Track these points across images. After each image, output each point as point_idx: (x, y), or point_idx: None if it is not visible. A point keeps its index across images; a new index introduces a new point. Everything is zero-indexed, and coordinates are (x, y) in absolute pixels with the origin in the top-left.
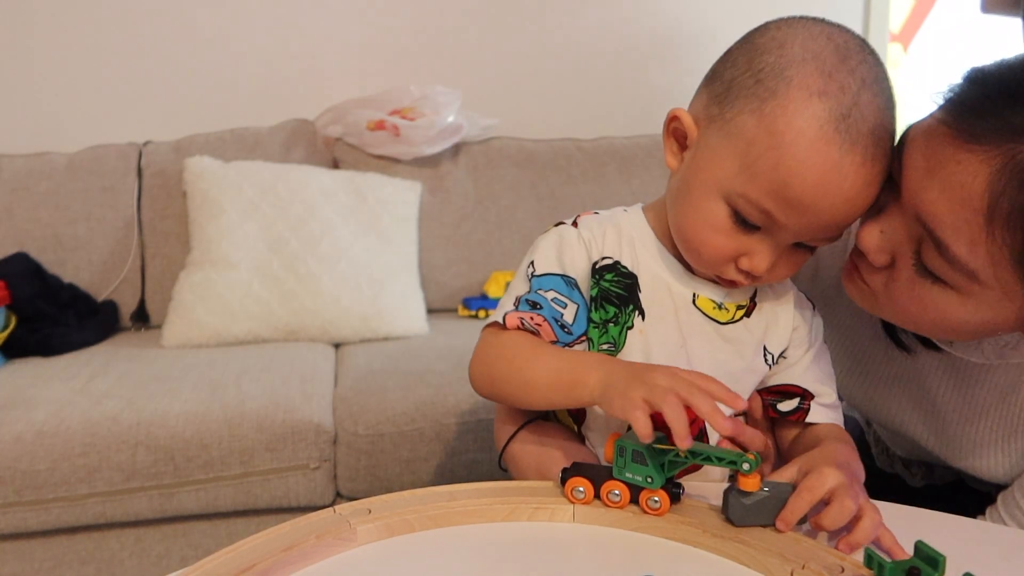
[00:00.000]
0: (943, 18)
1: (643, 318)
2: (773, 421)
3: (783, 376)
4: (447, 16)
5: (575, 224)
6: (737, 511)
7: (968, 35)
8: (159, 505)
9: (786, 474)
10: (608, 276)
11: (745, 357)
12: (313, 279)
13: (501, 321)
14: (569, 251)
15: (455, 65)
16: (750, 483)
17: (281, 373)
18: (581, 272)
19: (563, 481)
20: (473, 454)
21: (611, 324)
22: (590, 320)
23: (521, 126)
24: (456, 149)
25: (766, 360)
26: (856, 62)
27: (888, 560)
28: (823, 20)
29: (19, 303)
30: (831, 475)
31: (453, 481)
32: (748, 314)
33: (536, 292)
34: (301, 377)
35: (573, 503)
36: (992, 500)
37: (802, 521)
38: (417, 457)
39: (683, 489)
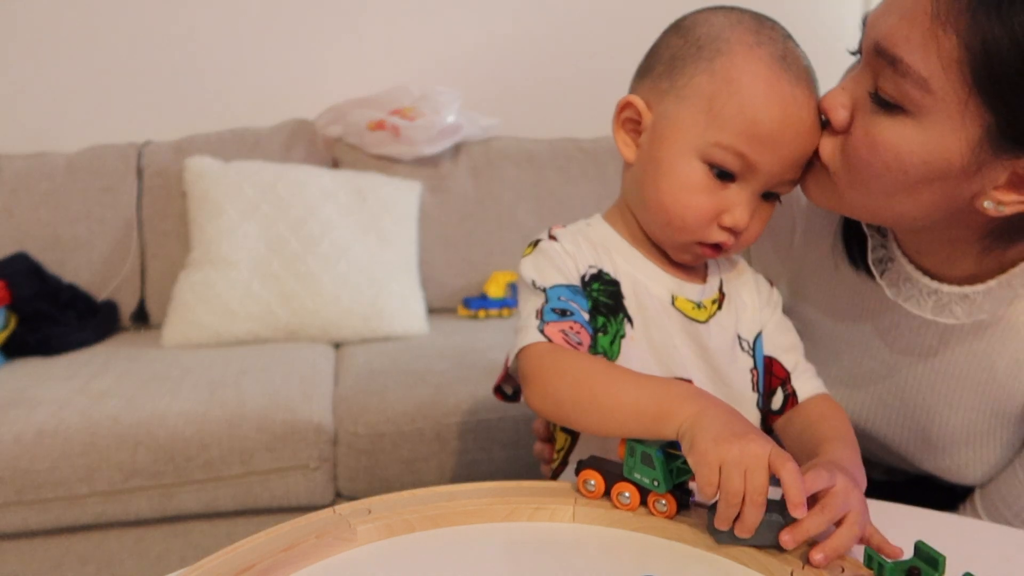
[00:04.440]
0: None
1: (632, 325)
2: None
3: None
4: (447, 16)
5: (553, 238)
6: (719, 532)
7: None
8: (159, 505)
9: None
10: (595, 286)
11: (727, 353)
12: (313, 279)
13: (544, 338)
14: (560, 261)
15: (455, 65)
16: None
17: (281, 373)
18: (577, 281)
19: (577, 471)
20: (473, 454)
21: (600, 334)
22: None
23: (521, 126)
24: (456, 149)
25: (742, 348)
26: (771, 24)
27: (888, 560)
28: (726, 5)
29: (19, 303)
30: (851, 497)
31: (453, 481)
32: (720, 306)
33: (557, 299)
34: (301, 377)
35: (583, 495)
36: (956, 496)
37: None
38: (417, 457)
39: (693, 495)
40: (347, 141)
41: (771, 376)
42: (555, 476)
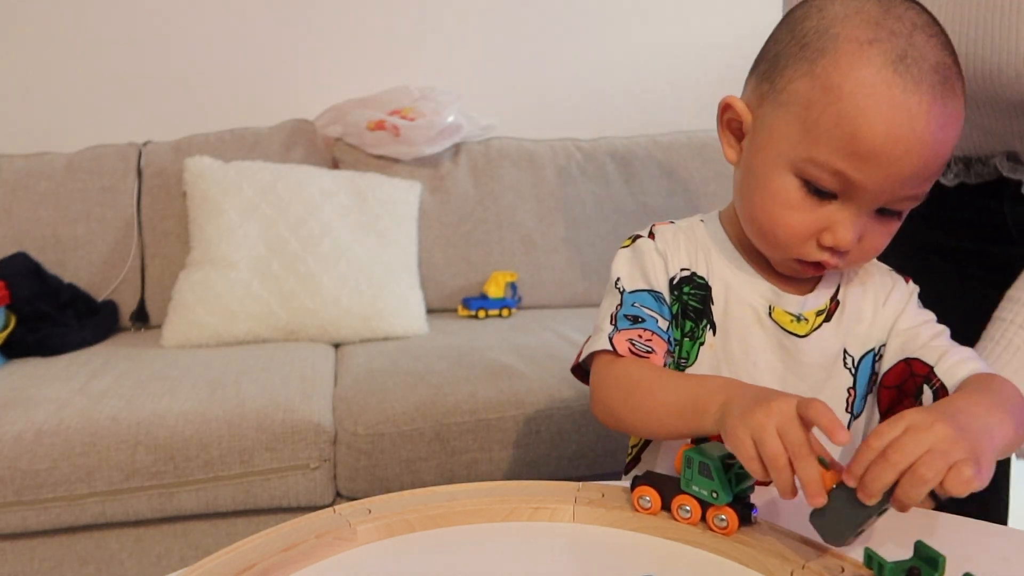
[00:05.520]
0: None
1: (714, 333)
2: None
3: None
4: (447, 16)
5: (651, 235)
6: (823, 527)
7: None
8: (159, 505)
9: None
10: (686, 289)
11: (824, 368)
12: (313, 279)
13: (610, 347)
14: (650, 264)
15: (455, 65)
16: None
17: (281, 373)
18: (663, 285)
19: (631, 488)
20: (473, 454)
21: (687, 339)
22: (672, 338)
23: (521, 126)
24: (456, 149)
25: (845, 364)
26: (902, 10)
27: (888, 561)
28: None
29: (19, 303)
30: (918, 442)
31: (453, 481)
32: (829, 318)
33: (632, 306)
34: (301, 377)
35: (638, 511)
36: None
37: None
38: (417, 457)
39: (756, 510)
40: (347, 141)
41: (912, 377)
42: (627, 471)
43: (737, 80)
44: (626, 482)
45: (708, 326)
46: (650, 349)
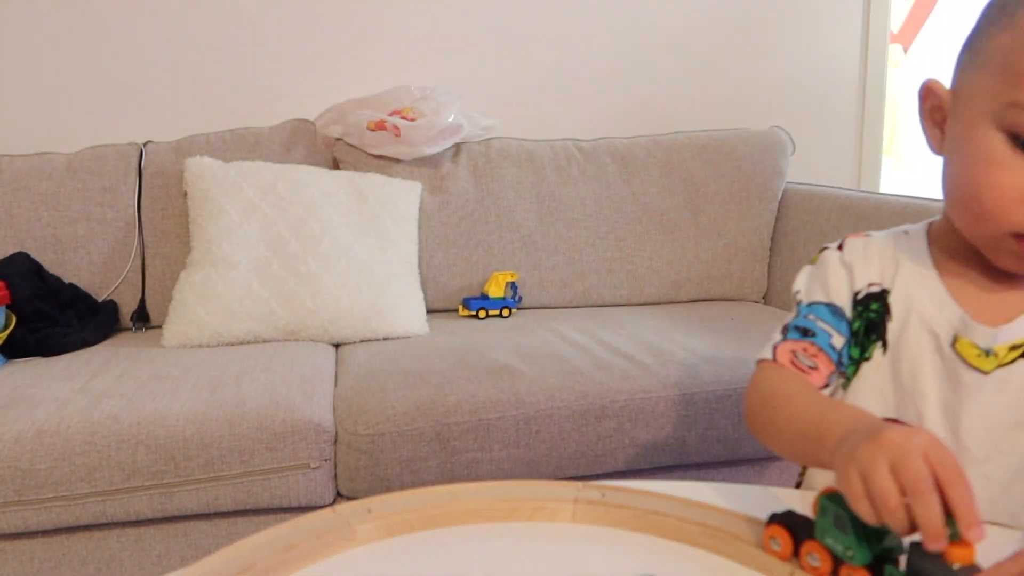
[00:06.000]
0: (943, 18)
1: (884, 351)
2: None
3: None
4: (448, 16)
5: (840, 247)
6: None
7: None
8: (159, 504)
9: None
10: (874, 306)
11: (1009, 411)
12: (313, 279)
13: (771, 356)
14: (833, 276)
15: (455, 65)
16: (959, 553)
17: (281, 373)
18: (846, 299)
19: (766, 524)
20: (473, 454)
21: (865, 361)
22: (849, 356)
23: (521, 126)
24: (456, 149)
25: None
26: None
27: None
28: None
29: (19, 303)
30: None
31: (453, 481)
32: None
33: (805, 318)
34: (301, 377)
35: (768, 552)
36: None
37: None
38: (417, 457)
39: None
40: (347, 141)
41: None
42: (798, 486)
43: (735, 80)
44: (632, 482)
45: (878, 342)
46: (813, 365)
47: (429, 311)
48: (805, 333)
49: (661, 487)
